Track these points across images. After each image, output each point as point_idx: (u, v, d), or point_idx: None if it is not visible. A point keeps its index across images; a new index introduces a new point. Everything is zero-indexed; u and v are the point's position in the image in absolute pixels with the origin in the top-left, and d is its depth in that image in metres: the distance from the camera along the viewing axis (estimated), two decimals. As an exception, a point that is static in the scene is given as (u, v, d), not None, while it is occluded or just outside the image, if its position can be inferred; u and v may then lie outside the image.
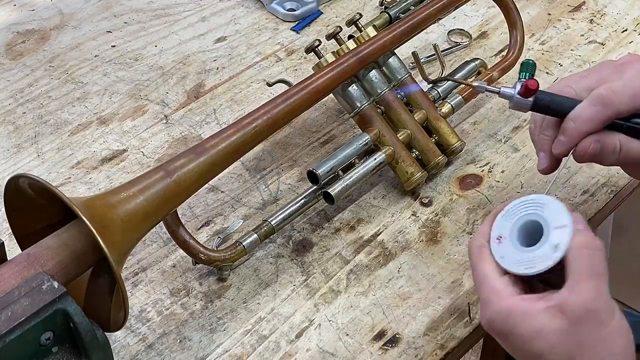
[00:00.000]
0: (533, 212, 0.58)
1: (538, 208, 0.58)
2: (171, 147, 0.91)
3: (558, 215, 0.57)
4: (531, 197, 0.59)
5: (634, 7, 1.08)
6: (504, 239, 0.57)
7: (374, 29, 0.84)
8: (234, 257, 0.76)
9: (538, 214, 0.58)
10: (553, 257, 0.55)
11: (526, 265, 0.55)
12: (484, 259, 0.59)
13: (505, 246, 0.57)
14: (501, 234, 0.58)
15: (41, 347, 0.56)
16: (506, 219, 0.59)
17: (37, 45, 1.05)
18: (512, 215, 0.59)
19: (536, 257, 0.55)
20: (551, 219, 0.57)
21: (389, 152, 0.81)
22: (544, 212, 0.58)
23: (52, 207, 0.62)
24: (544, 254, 0.55)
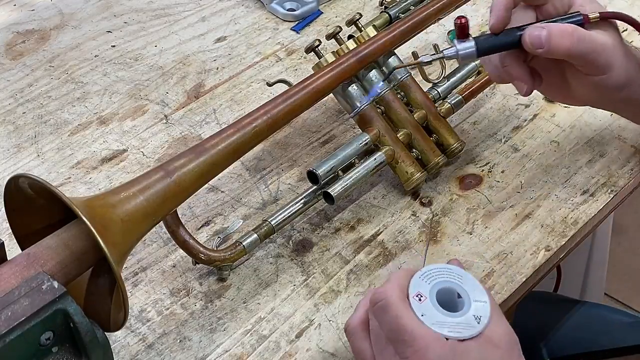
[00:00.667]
0: (451, 280, 0.60)
1: (457, 278, 0.61)
2: (171, 147, 0.91)
3: (476, 290, 0.60)
4: (448, 266, 0.61)
5: (634, 7, 1.08)
6: (425, 299, 0.59)
7: (374, 29, 0.84)
8: (234, 257, 0.76)
9: (457, 284, 0.60)
10: (477, 327, 0.58)
11: (450, 328, 0.58)
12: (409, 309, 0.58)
13: (426, 305, 0.58)
14: (420, 293, 0.59)
15: (41, 347, 0.56)
16: (424, 280, 0.60)
17: (37, 45, 1.05)
18: (430, 278, 0.60)
19: (460, 324, 0.58)
20: (470, 292, 0.60)
21: (388, 152, 0.81)
22: (463, 283, 0.60)
23: (52, 207, 0.62)
24: (467, 322, 0.58)
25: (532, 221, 0.81)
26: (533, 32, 0.71)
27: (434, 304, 0.59)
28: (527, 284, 0.77)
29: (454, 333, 0.57)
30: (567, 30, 0.70)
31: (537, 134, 0.90)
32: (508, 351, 0.58)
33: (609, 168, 0.86)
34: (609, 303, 1.83)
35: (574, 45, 0.70)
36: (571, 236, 0.80)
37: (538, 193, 0.84)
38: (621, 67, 0.72)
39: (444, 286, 0.60)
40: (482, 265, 0.77)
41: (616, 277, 1.86)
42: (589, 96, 0.76)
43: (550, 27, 0.71)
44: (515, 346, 0.59)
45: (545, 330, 1.04)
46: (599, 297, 1.48)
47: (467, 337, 0.58)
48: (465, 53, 0.72)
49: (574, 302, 1.12)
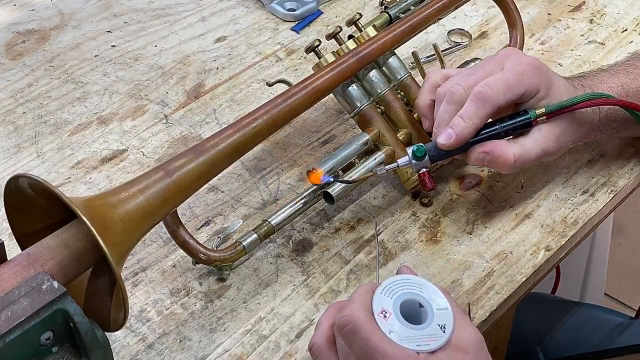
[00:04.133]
0: (411, 291, 0.60)
1: (416, 288, 0.61)
2: (171, 147, 0.91)
3: (437, 298, 0.60)
4: (406, 277, 0.61)
5: (634, 7, 1.08)
6: (390, 314, 0.58)
7: (374, 29, 0.84)
8: (234, 257, 0.76)
9: (417, 294, 0.60)
10: (444, 336, 0.58)
11: (418, 342, 0.57)
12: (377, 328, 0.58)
13: (392, 322, 0.58)
14: (385, 309, 0.59)
15: (41, 347, 0.56)
16: (385, 294, 0.60)
17: (37, 45, 1.05)
18: (391, 292, 0.60)
19: (425, 336, 0.58)
20: (431, 300, 0.60)
21: (389, 152, 0.81)
22: (423, 292, 0.60)
23: (52, 207, 0.62)
24: (433, 333, 0.58)
25: (532, 221, 0.81)
26: (478, 156, 0.75)
27: (399, 319, 0.59)
28: (527, 284, 0.77)
29: (423, 346, 0.57)
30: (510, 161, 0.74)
31: (537, 134, 0.90)
32: (476, 355, 0.59)
33: (609, 168, 0.86)
34: (609, 303, 1.83)
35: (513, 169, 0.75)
36: (571, 236, 0.80)
37: (538, 193, 0.84)
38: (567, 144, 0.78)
39: (406, 298, 0.60)
40: (482, 265, 0.77)
41: (616, 277, 1.86)
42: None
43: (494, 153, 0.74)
44: (482, 347, 0.60)
45: (541, 332, 1.04)
46: (598, 297, 1.48)
47: (436, 348, 0.58)
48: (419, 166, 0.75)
49: (571, 304, 1.12)
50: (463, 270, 0.77)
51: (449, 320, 0.59)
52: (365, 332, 0.58)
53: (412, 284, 0.61)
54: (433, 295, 0.61)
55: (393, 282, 0.61)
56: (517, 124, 0.75)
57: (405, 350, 0.57)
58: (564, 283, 1.24)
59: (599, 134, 0.81)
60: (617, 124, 0.80)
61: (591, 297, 1.43)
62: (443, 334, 0.58)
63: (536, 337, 1.04)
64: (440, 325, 0.59)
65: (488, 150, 0.74)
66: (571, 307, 1.10)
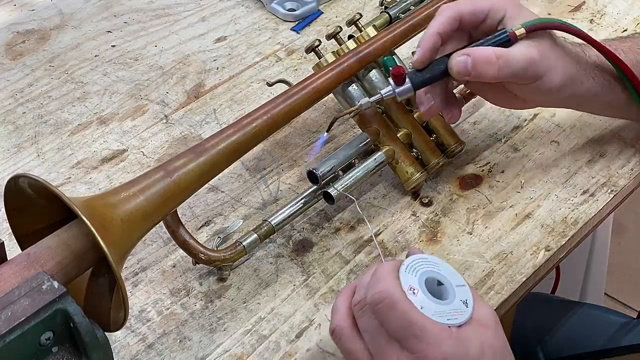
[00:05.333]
0: (431, 269, 0.61)
1: (434, 266, 0.61)
2: (171, 147, 0.91)
3: (454, 275, 0.61)
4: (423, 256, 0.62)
5: (634, 7, 1.08)
6: (418, 291, 0.59)
7: (374, 29, 0.84)
8: (234, 257, 0.76)
9: (436, 272, 0.61)
10: (468, 311, 0.59)
11: (447, 316, 0.58)
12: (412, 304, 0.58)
13: (421, 298, 0.59)
14: (412, 286, 0.59)
15: (41, 347, 0.56)
16: (410, 272, 0.60)
17: (37, 45, 1.05)
18: (414, 270, 0.61)
19: (452, 310, 0.59)
20: (449, 277, 0.61)
21: (389, 152, 0.81)
22: (441, 270, 0.61)
23: (52, 207, 0.62)
24: (458, 308, 0.59)
25: (532, 221, 0.81)
26: (458, 59, 0.73)
27: (427, 295, 0.59)
28: (527, 284, 0.77)
29: (452, 320, 0.58)
30: (492, 58, 0.72)
31: (537, 134, 0.91)
32: (496, 329, 0.60)
33: (609, 168, 0.86)
34: (609, 303, 1.83)
35: (499, 71, 0.73)
36: (571, 236, 0.80)
37: (538, 193, 0.84)
38: (555, 70, 0.75)
39: (428, 276, 0.61)
40: (482, 265, 0.77)
41: (616, 277, 1.86)
42: (536, 99, 0.79)
43: (474, 54, 0.73)
44: (499, 322, 0.61)
45: (541, 332, 1.04)
46: (599, 297, 1.48)
47: (463, 322, 0.58)
48: (401, 91, 0.75)
49: (571, 304, 1.12)
50: (463, 270, 0.77)
51: (469, 296, 0.60)
52: (404, 307, 0.58)
53: (430, 262, 0.61)
54: (450, 273, 0.61)
55: (414, 261, 0.61)
56: (496, 39, 0.74)
57: (439, 325, 0.57)
58: (564, 283, 1.24)
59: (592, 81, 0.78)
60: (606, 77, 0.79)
61: (591, 297, 1.43)
62: (466, 309, 0.59)
63: (536, 337, 1.04)
64: (463, 301, 0.60)
65: (468, 52, 0.73)
66: (571, 307, 1.10)
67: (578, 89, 0.78)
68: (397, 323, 0.58)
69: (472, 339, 0.58)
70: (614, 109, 0.84)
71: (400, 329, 0.58)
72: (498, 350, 0.59)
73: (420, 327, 0.57)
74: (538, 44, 0.74)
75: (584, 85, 0.78)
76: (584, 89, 0.78)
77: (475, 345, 0.58)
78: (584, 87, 0.78)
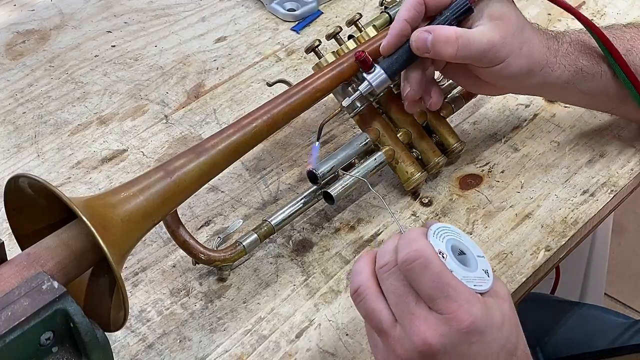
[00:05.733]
0: (454, 237, 0.61)
1: (456, 235, 0.62)
2: (171, 147, 0.91)
3: (473, 246, 0.62)
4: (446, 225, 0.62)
5: (634, 7, 1.08)
6: (447, 256, 0.59)
7: (374, 29, 0.84)
8: (234, 257, 0.76)
9: (459, 241, 0.61)
10: (489, 280, 0.60)
11: (473, 282, 0.59)
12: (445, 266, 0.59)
13: (450, 262, 0.59)
14: (441, 250, 0.59)
15: (41, 347, 0.56)
16: (437, 238, 0.61)
17: (37, 45, 1.05)
18: (440, 236, 0.61)
19: (477, 278, 0.59)
20: (471, 248, 0.62)
21: (389, 152, 0.81)
22: (463, 240, 0.62)
23: (52, 207, 0.62)
24: (481, 276, 0.60)
25: (532, 221, 0.81)
26: (419, 35, 0.74)
27: (455, 261, 0.59)
28: (527, 284, 0.77)
29: (478, 287, 0.59)
30: (451, 37, 0.73)
31: (537, 134, 0.91)
32: (510, 303, 0.61)
33: (609, 168, 0.86)
34: (609, 303, 1.84)
35: (458, 51, 0.73)
36: (571, 236, 0.80)
37: (538, 193, 0.84)
38: (519, 55, 0.75)
39: (452, 244, 0.61)
40: (482, 265, 0.77)
41: (616, 277, 1.86)
42: (505, 84, 0.79)
43: (435, 32, 0.73)
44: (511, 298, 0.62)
45: (541, 332, 1.04)
46: (598, 298, 1.48)
47: (486, 290, 0.59)
48: (378, 82, 0.76)
49: (571, 304, 1.12)
50: (463, 270, 0.77)
51: (489, 267, 0.61)
52: (438, 267, 0.58)
53: (452, 231, 0.62)
54: (470, 244, 0.62)
55: (439, 228, 0.61)
56: (456, 10, 0.74)
57: (469, 289, 0.58)
58: (564, 283, 1.24)
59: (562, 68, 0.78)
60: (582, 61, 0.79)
61: (591, 297, 1.43)
62: (488, 278, 0.60)
63: (536, 337, 1.04)
64: (484, 270, 0.60)
65: (429, 29, 0.74)
66: (571, 307, 1.10)
67: (547, 76, 0.77)
68: (430, 283, 0.57)
69: (494, 308, 0.58)
70: (589, 98, 0.84)
71: (433, 289, 0.57)
72: (514, 322, 0.60)
73: (454, 287, 0.57)
74: (502, 28, 0.74)
75: (554, 73, 0.78)
76: (553, 76, 0.78)
77: (498, 314, 0.58)
78: (553, 75, 0.78)
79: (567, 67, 0.78)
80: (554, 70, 0.78)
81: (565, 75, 0.78)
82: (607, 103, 0.84)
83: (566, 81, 0.79)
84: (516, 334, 0.60)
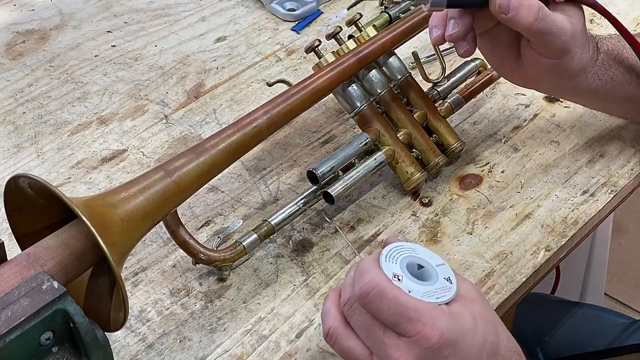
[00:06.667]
0: (409, 254, 0.62)
1: (412, 251, 0.62)
2: (171, 147, 0.91)
3: (432, 256, 0.63)
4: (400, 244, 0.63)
5: (634, 7, 1.08)
6: (402, 277, 0.60)
7: (374, 29, 0.84)
8: (234, 257, 0.76)
9: (415, 256, 0.62)
10: (453, 287, 0.60)
11: (436, 295, 0.59)
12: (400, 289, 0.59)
13: (406, 283, 0.59)
14: (395, 273, 0.60)
15: (41, 347, 0.56)
16: (390, 261, 0.61)
17: (37, 45, 1.05)
18: (393, 258, 0.61)
19: (439, 289, 0.60)
20: (428, 259, 0.62)
21: (388, 152, 0.81)
22: (419, 254, 0.62)
23: (52, 207, 0.62)
24: (443, 286, 0.60)
25: (532, 221, 0.81)
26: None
27: (412, 279, 0.60)
28: (527, 284, 0.77)
29: (441, 298, 0.59)
30: (535, 6, 0.71)
31: (537, 134, 0.91)
32: (482, 302, 0.61)
33: (609, 168, 0.86)
34: (609, 303, 1.84)
35: (536, 23, 0.71)
36: (571, 236, 0.80)
37: (538, 193, 0.84)
38: (576, 55, 0.74)
39: (408, 261, 0.61)
40: (482, 265, 0.77)
41: (616, 277, 1.86)
42: (539, 78, 0.77)
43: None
44: (482, 294, 0.62)
45: (541, 332, 1.04)
46: (599, 298, 1.48)
47: (451, 298, 0.60)
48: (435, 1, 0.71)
49: (571, 304, 1.12)
50: (463, 270, 0.77)
51: (451, 273, 0.61)
52: (393, 293, 0.58)
53: (406, 248, 0.63)
54: (428, 255, 0.63)
55: (391, 250, 0.62)
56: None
57: (431, 304, 0.58)
58: (564, 283, 1.24)
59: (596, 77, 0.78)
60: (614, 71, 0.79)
61: (591, 297, 1.43)
62: (452, 285, 0.60)
63: (536, 338, 1.04)
64: (446, 278, 0.61)
65: None
66: (571, 307, 1.10)
67: (580, 82, 0.77)
68: (389, 310, 0.58)
69: (463, 313, 0.59)
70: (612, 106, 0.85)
71: (394, 316, 0.58)
72: (489, 319, 0.60)
73: (413, 309, 0.57)
74: (573, 22, 0.73)
75: (587, 81, 0.78)
76: (585, 83, 0.78)
77: (468, 318, 0.58)
78: (585, 82, 0.78)
79: (599, 77, 0.79)
80: (588, 78, 0.78)
81: (596, 83, 0.79)
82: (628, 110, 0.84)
83: (595, 89, 0.79)
84: (494, 331, 0.60)
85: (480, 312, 0.59)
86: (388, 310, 0.58)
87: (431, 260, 0.62)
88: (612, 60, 0.79)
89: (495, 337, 0.60)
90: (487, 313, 0.60)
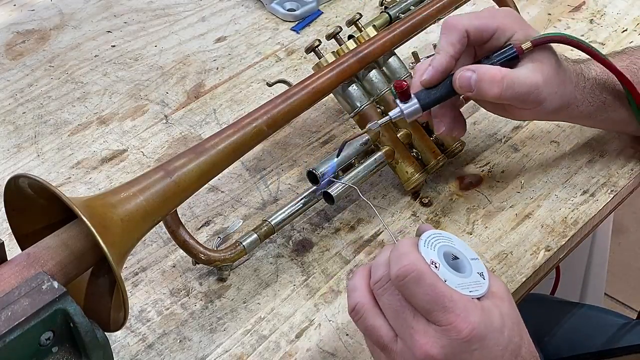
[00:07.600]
0: (447, 244, 0.61)
1: (448, 241, 0.62)
2: (171, 147, 0.91)
3: (466, 249, 0.62)
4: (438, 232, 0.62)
5: (634, 7, 1.08)
6: (439, 265, 0.59)
7: (374, 29, 0.84)
8: (234, 257, 0.75)
9: (451, 246, 0.61)
10: (485, 283, 0.60)
11: (469, 288, 0.59)
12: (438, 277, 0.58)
13: (443, 271, 0.59)
14: (433, 260, 0.60)
15: (41, 347, 0.56)
16: (429, 247, 0.61)
17: (37, 45, 1.05)
18: (431, 245, 0.61)
19: (472, 283, 0.59)
20: (464, 251, 0.62)
21: (388, 152, 0.81)
22: (455, 245, 0.62)
23: (52, 207, 0.62)
24: (477, 280, 0.60)
25: (532, 221, 0.81)
26: (463, 74, 0.73)
27: (448, 269, 0.59)
28: (527, 284, 0.77)
29: (474, 292, 0.59)
30: (496, 77, 0.72)
31: (537, 134, 0.91)
32: (510, 301, 0.60)
33: (609, 168, 0.86)
34: (609, 303, 1.84)
35: (503, 92, 0.72)
36: (571, 236, 0.80)
37: (538, 193, 0.84)
38: (555, 96, 0.75)
39: (444, 250, 0.61)
40: (482, 265, 0.77)
41: (616, 277, 1.86)
42: (530, 118, 0.85)
43: (480, 70, 0.73)
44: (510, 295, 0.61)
45: (541, 333, 1.04)
46: (599, 298, 1.48)
47: (483, 293, 0.59)
48: (410, 111, 0.74)
49: (571, 304, 1.12)
50: (463, 270, 0.77)
51: (484, 269, 0.61)
52: (431, 279, 0.57)
53: (444, 237, 0.62)
54: (464, 247, 0.62)
55: (430, 236, 0.61)
56: (502, 55, 0.74)
57: (465, 296, 0.58)
58: (564, 283, 1.24)
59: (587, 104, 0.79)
60: (605, 96, 0.80)
61: (591, 298, 1.43)
62: (484, 281, 0.60)
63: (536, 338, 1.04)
64: (479, 273, 0.60)
65: (474, 68, 0.73)
66: (571, 307, 1.10)
67: (572, 111, 0.79)
68: (425, 296, 0.57)
69: (493, 310, 0.58)
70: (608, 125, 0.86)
71: (428, 302, 0.57)
72: (515, 320, 0.60)
73: (449, 298, 0.57)
74: (543, 69, 0.74)
75: (579, 109, 0.79)
76: (577, 111, 0.79)
77: (497, 316, 0.58)
78: (578, 110, 0.79)
79: (591, 102, 0.79)
80: (579, 106, 0.79)
81: (589, 109, 0.80)
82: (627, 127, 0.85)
83: (589, 114, 0.80)
84: (519, 332, 0.60)
85: (507, 312, 0.59)
86: (424, 295, 0.57)
87: (466, 252, 0.61)
88: (602, 86, 0.80)
89: (519, 339, 0.59)
90: (513, 314, 0.60)
